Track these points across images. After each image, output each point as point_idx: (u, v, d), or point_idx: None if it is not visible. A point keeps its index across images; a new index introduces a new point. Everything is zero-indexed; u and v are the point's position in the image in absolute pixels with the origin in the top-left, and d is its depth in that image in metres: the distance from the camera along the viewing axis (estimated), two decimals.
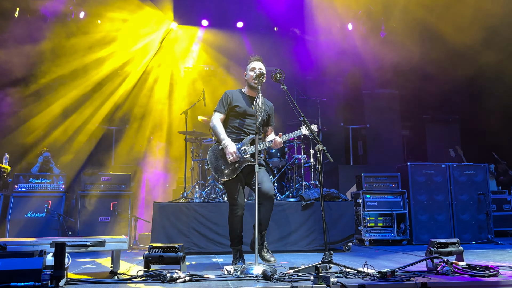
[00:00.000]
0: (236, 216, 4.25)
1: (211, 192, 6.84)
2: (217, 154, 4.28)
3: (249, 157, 4.21)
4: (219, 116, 4.36)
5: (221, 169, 4.22)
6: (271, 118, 4.56)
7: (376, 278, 3.19)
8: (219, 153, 4.26)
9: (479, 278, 3.25)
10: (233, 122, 4.35)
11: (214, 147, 4.35)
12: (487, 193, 7.37)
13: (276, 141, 4.27)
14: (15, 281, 2.79)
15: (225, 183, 4.28)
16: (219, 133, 4.27)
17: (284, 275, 3.33)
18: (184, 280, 3.20)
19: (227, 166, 4.21)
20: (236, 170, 4.20)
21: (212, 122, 4.37)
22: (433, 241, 3.82)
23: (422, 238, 7.06)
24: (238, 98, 4.38)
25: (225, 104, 4.36)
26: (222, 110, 4.37)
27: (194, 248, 5.79)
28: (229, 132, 4.35)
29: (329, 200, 6.40)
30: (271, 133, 4.59)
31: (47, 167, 7.61)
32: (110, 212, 6.87)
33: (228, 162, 4.21)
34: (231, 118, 4.38)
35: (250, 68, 4.33)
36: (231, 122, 4.38)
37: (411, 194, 7.22)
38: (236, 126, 4.34)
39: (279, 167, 7.11)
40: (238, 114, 4.32)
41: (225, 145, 4.18)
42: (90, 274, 3.75)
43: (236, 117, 4.34)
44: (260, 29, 10.25)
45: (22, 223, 6.57)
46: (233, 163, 4.19)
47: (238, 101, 4.35)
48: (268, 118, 4.52)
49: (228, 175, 4.20)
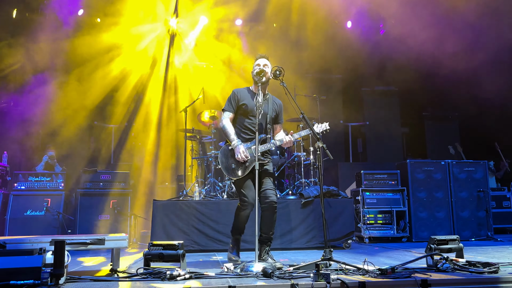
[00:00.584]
0: (244, 212, 4.28)
1: (210, 190, 6.84)
2: (227, 154, 4.32)
3: (259, 156, 4.22)
4: (228, 115, 4.38)
5: (232, 169, 4.26)
6: (280, 115, 4.56)
7: (376, 275, 3.19)
8: (229, 152, 4.30)
9: (479, 274, 3.25)
10: (242, 121, 4.38)
11: (224, 147, 4.38)
12: (487, 190, 7.37)
13: (286, 141, 4.28)
14: (15, 279, 2.78)
15: (235, 181, 4.32)
16: (229, 133, 4.29)
17: (284, 272, 3.33)
18: (184, 278, 3.20)
19: (237, 166, 4.25)
20: (247, 169, 4.23)
21: (221, 122, 4.39)
22: (433, 238, 3.81)
23: (421, 235, 7.06)
24: (246, 96, 4.39)
25: (233, 103, 4.38)
26: (231, 109, 4.39)
27: (194, 246, 5.79)
28: (239, 131, 4.37)
29: (329, 197, 6.40)
30: (280, 131, 4.60)
31: (52, 165, 7.61)
32: (110, 210, 6.87)
33: (239, 163, 4.24)
34: (239, 117, 4.41)
35: (255, 65, 4.34)
36: (240, 121, 4.40)
37: (411, 191, 7.22)
38: (245, 125, 4.36)
39: (279, 165, 7.10)
40: (246, 113, 4.34)
41: (235, 146, 4.22)
42: (90, 272, 3.74)
43: (245, 115, 4.36)
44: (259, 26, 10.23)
45: (21, 222, 6.56)
46: (243, 162, 4.22)
47: (246, 99, 4.36)
48: (277, 116, 4.52)
49: (239, 175, 4.24)
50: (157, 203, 5.95)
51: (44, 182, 6.91)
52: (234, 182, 4.41)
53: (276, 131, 4.60)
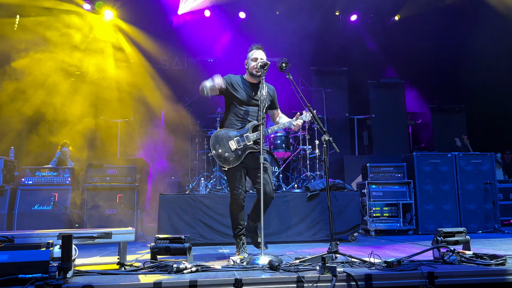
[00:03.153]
0: (237, 205, 4.25)
1: (216, 184, 6.86)
2: (220, 140, 4.21)
3: (251, 144, 4.19)
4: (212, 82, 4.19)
5: (224, 156, 4.18)
6: (275, 101, 4.48)
7: (382, 268, 3.19)
8: (222, 140, 4.21)
9: (486, 267, 3.23)
10: (236, 111, 4.28)
11: (216, 133, 4.27)
12: (494, 182, 7.33)
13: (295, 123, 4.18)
14: (23, 273, 2.81)
15: (228, 170, 4.24)
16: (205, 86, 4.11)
17: (290, 265, 3.33)
18: (190, 271, 3.21)
19: (230, 154, 4.17)
20: (240, 157, 4.17)
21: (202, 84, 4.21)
22: (440, 230, 3.80)
23: (428, 228, 7.05)
24: (239, 83, 4.30)
25: (225, 79, 4.24)
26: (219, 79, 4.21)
27: (200, 239, 5.82)
28: (233, 120, 4.27)
29: (335, 190, 6.39)
30: (280, 115, 4.52)
31: (65, 160, 7.64)
32: (116, 204, 6.90)
33: (231, 150, 4.18)
34: (233, 106, 4.30)
35: (252, 58, 4.25)
36: (233, 110, 4.30)
37: (417, 184, 7.20)
38: (239, 115, 4.27)
39: (284, 158, 7.10)
40: (240, 102, 4.25)
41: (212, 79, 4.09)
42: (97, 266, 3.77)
43: (239, 104, 4.26)
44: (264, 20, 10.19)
45: (29, 216, 6.62)
46: (236, 149, 4.16)
47: (238, 88, 4.28)
48: (272, 102, 4.44)
49: (232, 162, 4.17)
50: (163, 197, 5.97)
51: (51, 177, 6.96)
52: (226, 172, 4.31)
53: (275, 116, 4.52)
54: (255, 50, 4.29)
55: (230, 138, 4.19)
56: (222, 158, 4.20)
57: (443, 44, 10.62)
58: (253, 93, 4.28)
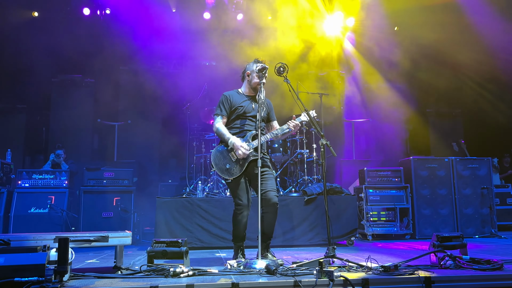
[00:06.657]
0: (241, 216, 4.21)
1: (213, 187, 6.84)
2: (220, 155, 4.25)
3: (252, 152, 4.20)
4: (221, 119, 4.34)
5: (226, 169, 4.20)
6: (272, 113, 4.55)
7: (379, 272, 3.19)
8: (222, 153, 4.24)
9: (482, 271, 3.24)
10: (235, 123, 4.35)
11: (216, 149, 4.33)
12: (491, 187, 7.35)
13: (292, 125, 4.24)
14: (19, 276, 2.79)
15: (231, 181, 4.23)
16: (224, 134, 4.25)
17: (287, 269, 3.33)
18: (187, 275, 3.20)
19: (232, 165, 4.20)
20: (242, 166, 4.19)
21: (214, 126, 4.35)
22: (437, 235, 3.81)
23: (425, 232, 7.05)
24: (238, 99, 4.37)
25: (226, 106, 4.34)
26: (224, 112, 4.35)
27: (197, 243, 5.80)
28: (232, 131, 4.32)
29: (332, 194, 6.39)
30: (277, 127, 4.52)
31: (59, 163, 7.63)
32: (113, 207, 6.88)
33: (233, 161, 4.20)
34: (231, 119, 4.38)
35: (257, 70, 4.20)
36: (232, 123, 4.37)
37: (414, 188, 7.21)
38: (238, 126, 4.34)
39: (282, 162, 7.10)
40: (239, 115, 4.33)
41: (232, 143, 4.17)
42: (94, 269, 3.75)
43: (237, 118, 4.34)
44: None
45: (25, 219, 6.59)
46: (238, 160, 4.18)
47: (238, 103, 4.34)
48: (269, 115, 4.51)
49: (235, 173, 4.18)
50: (160, 201, 5.96)
51: (47, 179, 6.94)
52: (228, 183, 4.31)
53: (273, 128, 4.53)
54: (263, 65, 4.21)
55: (231, 150, 4.21)
56: (225, 171, 4.21)
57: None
58: (252, 105, 4.35)
